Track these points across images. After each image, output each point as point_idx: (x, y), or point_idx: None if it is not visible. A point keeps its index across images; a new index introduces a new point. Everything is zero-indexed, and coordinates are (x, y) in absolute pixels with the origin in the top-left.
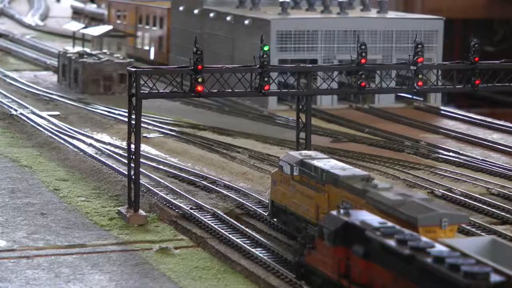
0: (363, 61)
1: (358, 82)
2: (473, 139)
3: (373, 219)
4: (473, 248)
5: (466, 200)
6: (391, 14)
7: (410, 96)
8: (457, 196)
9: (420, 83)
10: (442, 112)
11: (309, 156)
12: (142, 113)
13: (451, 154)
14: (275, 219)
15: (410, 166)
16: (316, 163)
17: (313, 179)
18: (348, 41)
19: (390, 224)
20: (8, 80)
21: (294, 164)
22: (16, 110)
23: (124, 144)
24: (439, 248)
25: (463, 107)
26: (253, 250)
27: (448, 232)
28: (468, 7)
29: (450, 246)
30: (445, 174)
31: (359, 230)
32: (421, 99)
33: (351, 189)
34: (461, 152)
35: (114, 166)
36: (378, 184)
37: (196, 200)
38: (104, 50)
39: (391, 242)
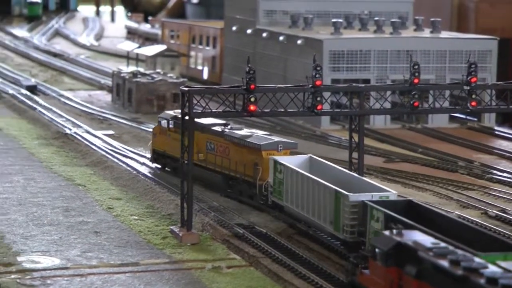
0: (416, 81)
1: (411, 102)
2: None
3: (426, 240)
4: (294, 162)
5: None
6: (444, 34)
7: (463, 116)
8: (511, 217)
9: (473, 103)
10: (496, 132)
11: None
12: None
13: (505, 174)
14: (156, 164)
15: (464, 186)
16: None
17: None
18: (401, 61)
19: (443, 244)
20: (62, 99)
21: (170, 119)
22: (70, 129)
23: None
24: (492, 269)
25: None
26: (305, 270)
27: (282, 154)
28: None
29: (276, 160)
30: (499, 194)
31: (411, 250)
32: (475, 119)
33: (213, 132)
34: None
35: (167, 185)
36: (232, 126)
37: (249, 219)
38: (158, 70)
39: (444, 263)
